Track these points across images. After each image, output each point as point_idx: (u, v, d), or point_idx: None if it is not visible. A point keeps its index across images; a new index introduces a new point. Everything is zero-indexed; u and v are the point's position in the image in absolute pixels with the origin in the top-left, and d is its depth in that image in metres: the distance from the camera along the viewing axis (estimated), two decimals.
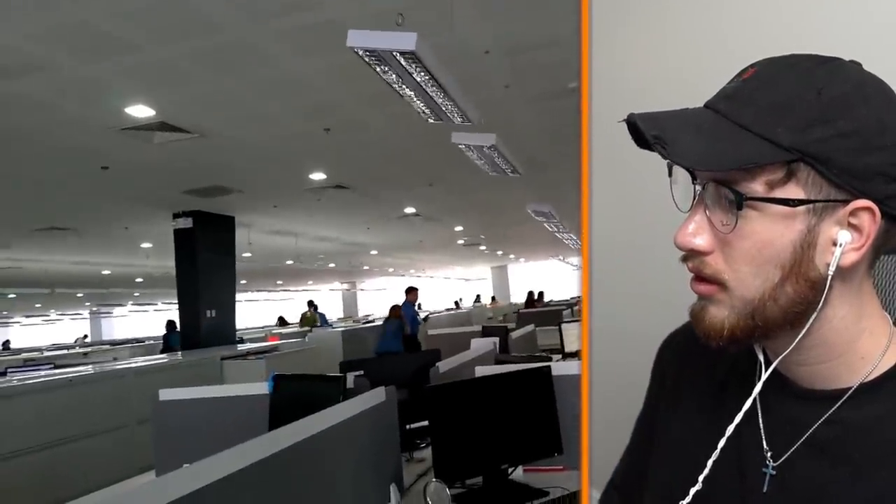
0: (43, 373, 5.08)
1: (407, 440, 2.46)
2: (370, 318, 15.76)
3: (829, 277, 0.55)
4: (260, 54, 3.97)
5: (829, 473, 0.57)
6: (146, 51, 3.79)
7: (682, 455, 0.68)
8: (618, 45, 1.26)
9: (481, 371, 2.09)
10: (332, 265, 17.81)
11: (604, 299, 1.17)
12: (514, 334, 4.31)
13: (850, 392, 0.57)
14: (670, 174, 0.61)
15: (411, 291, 8.71)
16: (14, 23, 3.35)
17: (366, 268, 20.56)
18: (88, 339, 21.70)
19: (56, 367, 6.47)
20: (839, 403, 0.58)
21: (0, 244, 7.56)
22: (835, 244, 0.55)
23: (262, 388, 2.39)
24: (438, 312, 14.05)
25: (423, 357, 2.88)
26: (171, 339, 9.73)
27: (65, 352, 12.50)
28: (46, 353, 12.06)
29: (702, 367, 0.72)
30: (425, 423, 2.61)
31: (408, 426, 2.54)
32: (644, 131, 0.55)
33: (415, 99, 3.38)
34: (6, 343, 23.47)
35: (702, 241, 0.58)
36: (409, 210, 10.68)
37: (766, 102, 0.55)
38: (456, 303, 20.45)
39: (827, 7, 1.06)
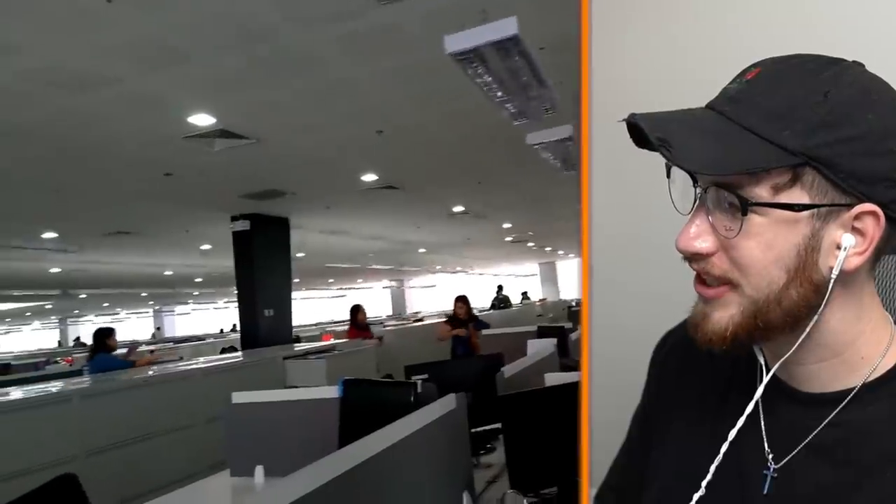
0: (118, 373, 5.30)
1: (473, 445, 2.48)
2: (419, 317, 15.81)
3: (832, 281, 0.55)
4: (313, 60, 4.05)
5: (831, 476, 0.56)
6: (206, 61, 3.92)
7: (683, 458, 0.67)
8: (618, 45, 1.26)
9: (551, 379, 2.09)
10: (380, 265, 17.99)
11: (604, 299, 1.20)
12: (574, 335, 4.27)
13: (851, 394, 0.57)
14: (668, 175, 0.60)
15: None
16: (82, 40, 3.50)
17: (414, 267, 20.69)
18: (157, 336, 22.70)
19: None
20: (841, 406, 0.57)
21: (73, 248, 7.89)
22: (839, 248, 0.54)
23: (332, 391, 2.44)
24: (485, 310, 14.05)
25: (485, 361, 2.90)
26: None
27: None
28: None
29: (700, 368, 0.71)
30: (490, 427, 2.63)
31: (472, 430, 2.56)
32: (647, 133, 0.54)
33: (502, 97, 3.41)
34: (77, 339, 24.64)
35: (704, 243, 0.58)
36: (458, 208, 10.71)
37: (771, 105, 0.54)
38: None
39: (827, 7, 1.06)
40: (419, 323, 11.85)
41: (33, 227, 8.73)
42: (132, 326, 28.86)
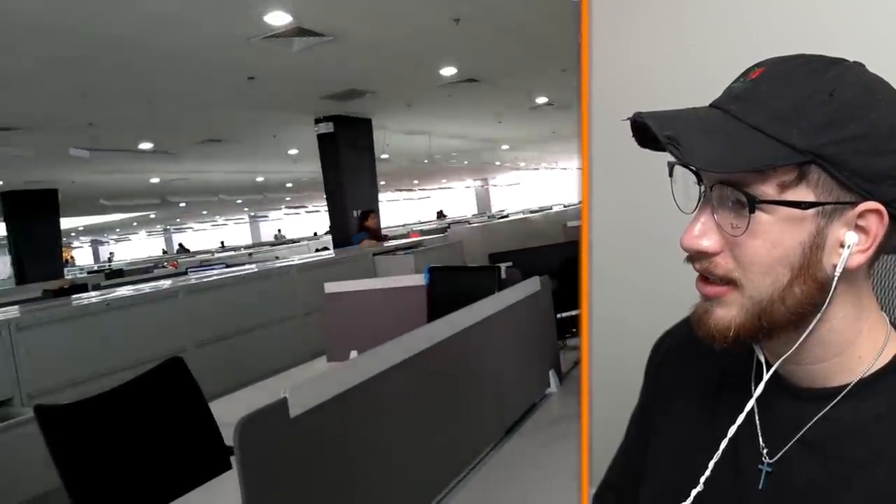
0: (219, 271, 5.66)
1: (559, 329, 2.49)
2: (504, 214, 15.90)
3: (836, 279, 0.55)
4: None
5: (824, 471, 0.57)
6: None
7: (680, 455, 0.68)
8: (618, 44, 1.28)
9: None
10: (465, 162, 17.90)
11: (605, 296, 1.22)
12: None
13: (845, 390, 0.58)
14: (671, 174, 0.60)
15: None
16: None
17: (497, 163, 20.45)
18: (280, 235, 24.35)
19: (227, 266, 7.18)
20: (835, 402, 0.58)
21: (166, 157, 8.27)
22: (842, 245, 0.55)
23: (419, 279, 2.49)
24: (573, 205, 13.89)
25: (569, 248, 2.84)
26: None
27: (231, 253, 13.85)
28: (217, 255, 13.43)
29: (695, 367, 0.72)
30: (576, 312, 2.62)
31: (559, 315, 2.56)
32: (657, 131, 0.54)
33: None
34: (180, 245, 26.52)
35: (709, 242, 0.58)
36: (541, 99, 10.34)
37: (778, 104, 0.55)
38: None
39: (827, 7, 1.06)
40: (504, 219, 11.90)
41: (131, 139, 9.17)
42: (230, 232, 30.61)
